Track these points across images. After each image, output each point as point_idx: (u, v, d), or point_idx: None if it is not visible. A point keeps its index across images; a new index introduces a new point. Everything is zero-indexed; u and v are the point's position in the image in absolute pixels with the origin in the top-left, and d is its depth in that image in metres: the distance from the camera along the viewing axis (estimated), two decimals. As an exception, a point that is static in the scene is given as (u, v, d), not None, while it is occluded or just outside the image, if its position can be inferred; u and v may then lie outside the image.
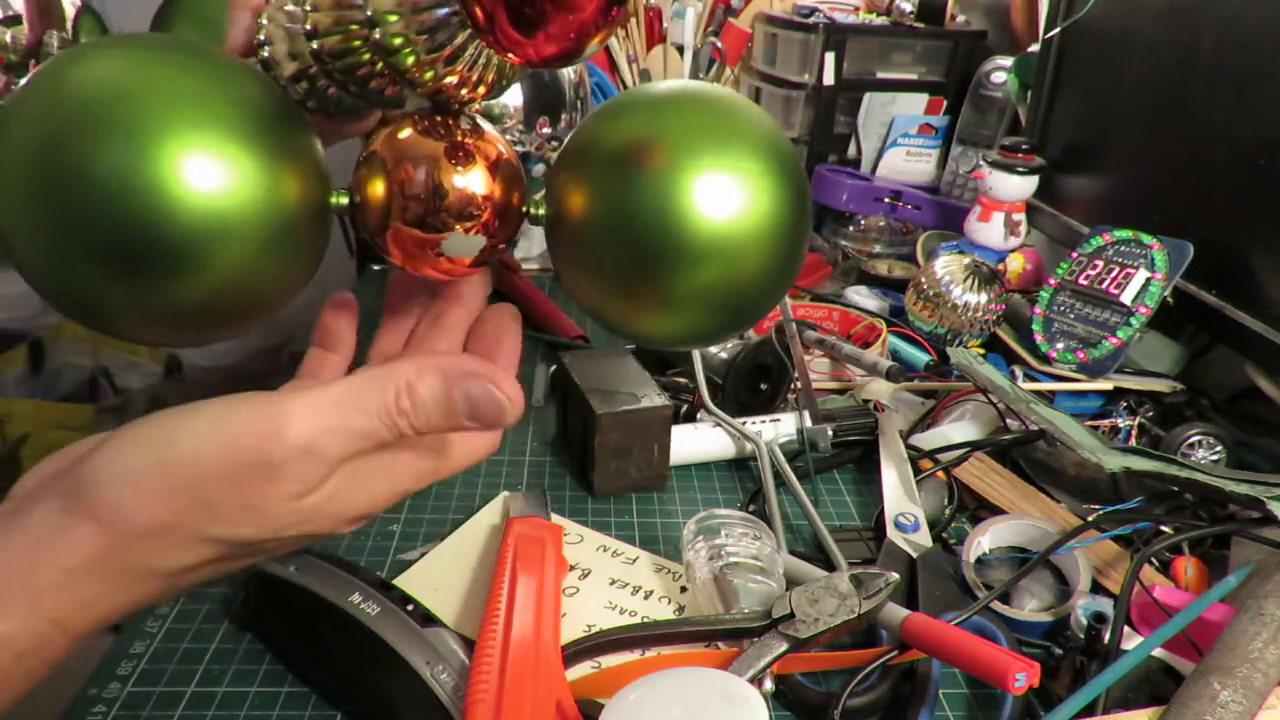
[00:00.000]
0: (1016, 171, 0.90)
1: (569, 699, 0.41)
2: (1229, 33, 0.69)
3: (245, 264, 0.32)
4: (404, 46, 0.32)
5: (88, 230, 0.30)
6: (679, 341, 0.39)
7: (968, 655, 0.41)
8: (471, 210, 0.35)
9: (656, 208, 0.34)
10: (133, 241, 0.30)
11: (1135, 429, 0.70)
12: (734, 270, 0.35)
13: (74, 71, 0.31)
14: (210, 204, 0.30)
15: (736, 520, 0.52)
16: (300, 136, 0.35)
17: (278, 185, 0.32)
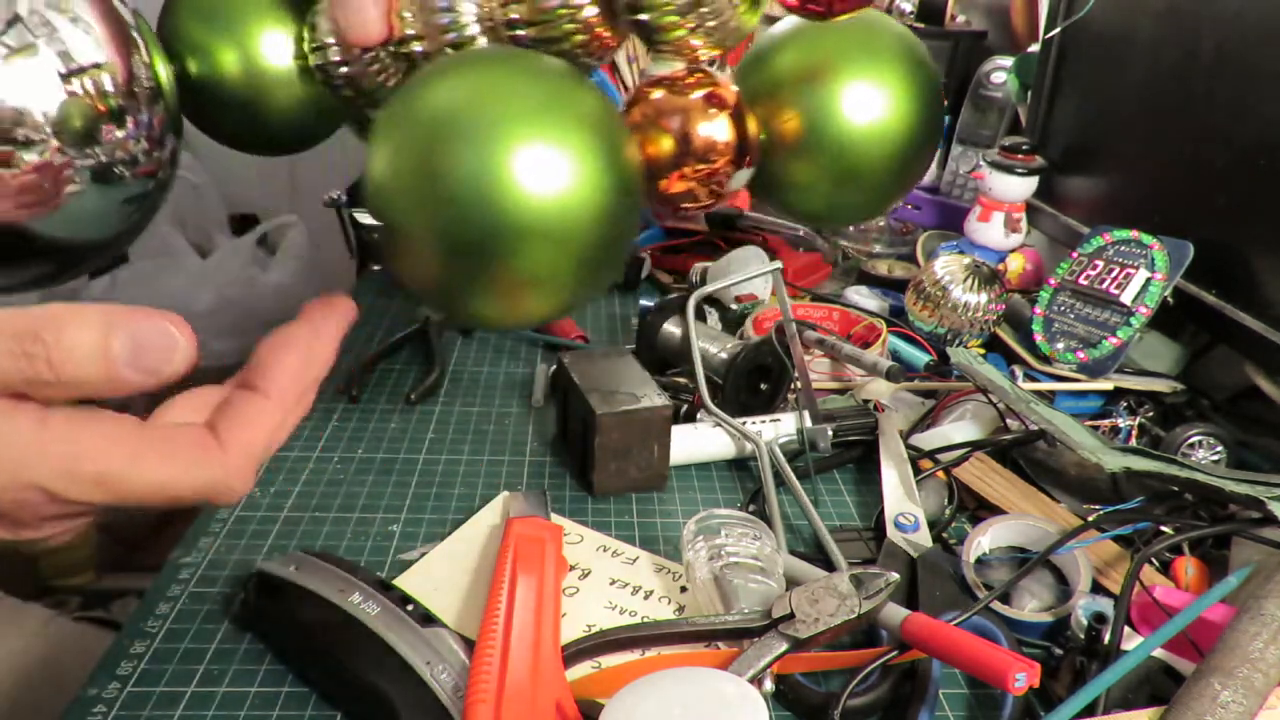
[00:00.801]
0: (1016, 172, 0.90)
1: (569, 699, 0.41)
2: (1229, 33, 0.69)
3: (581, 251, 0.39)
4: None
5: (454, 222, 0.37)
6: None
7: (968, 655, 0.41)
8: (734, 147, 0.45)
9: None
10: (486, 232, 0.37)
11: (1135, 429, 0.70)
12: None
13: (437, 85, 0.39)
14: (549, 198, 0.37)
15: (736, 520, 0.52)
16: (620, 130, 0.42)
17: (606, 178, 0.39)
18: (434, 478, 0.64)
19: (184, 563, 0.54)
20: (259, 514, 0.59)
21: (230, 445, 0.33)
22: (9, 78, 0.42)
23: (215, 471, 0.32)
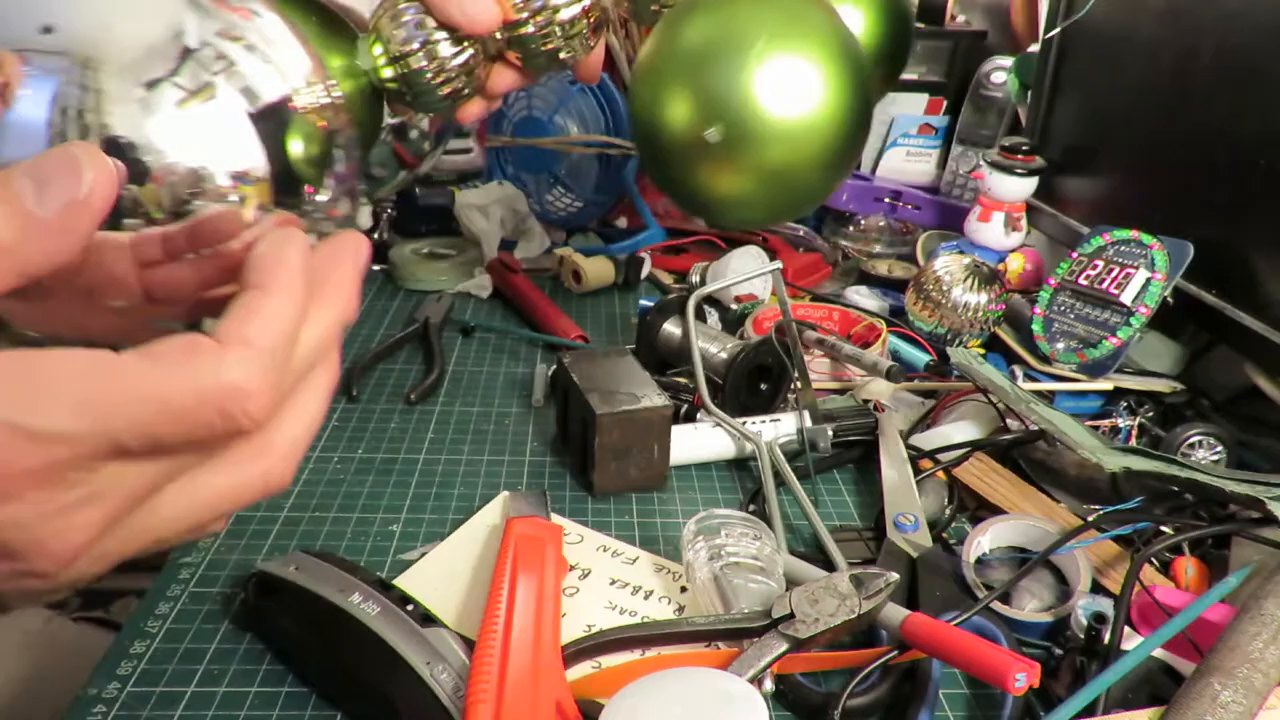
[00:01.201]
0: (1016, 172, 0.90)
1: (569, 699, 0.41)
2: (1229, 33, 0.69)
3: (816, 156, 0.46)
4: None
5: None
6: None
7: (968, 655, 0.41)
8: None
9: None
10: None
11: (1135, 429, 0.70)
12: None
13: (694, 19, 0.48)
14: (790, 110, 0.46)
15: (736, 520, 0.52)
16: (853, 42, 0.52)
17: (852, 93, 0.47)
18: (434, 478, 0.64)
19: (184, 563, 0.54)
20: (259, 514, 0.59)
21: (229, 339, 0.26)
22: (185, 130, 0.36)
23: (215, 371, 0.25)
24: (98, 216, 0.26)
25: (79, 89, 0.34)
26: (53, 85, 0.34)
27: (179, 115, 0.37)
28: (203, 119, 0.38)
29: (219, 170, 0.38)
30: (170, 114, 0.37)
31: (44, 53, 0.34)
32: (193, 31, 0.38)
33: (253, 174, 0.40)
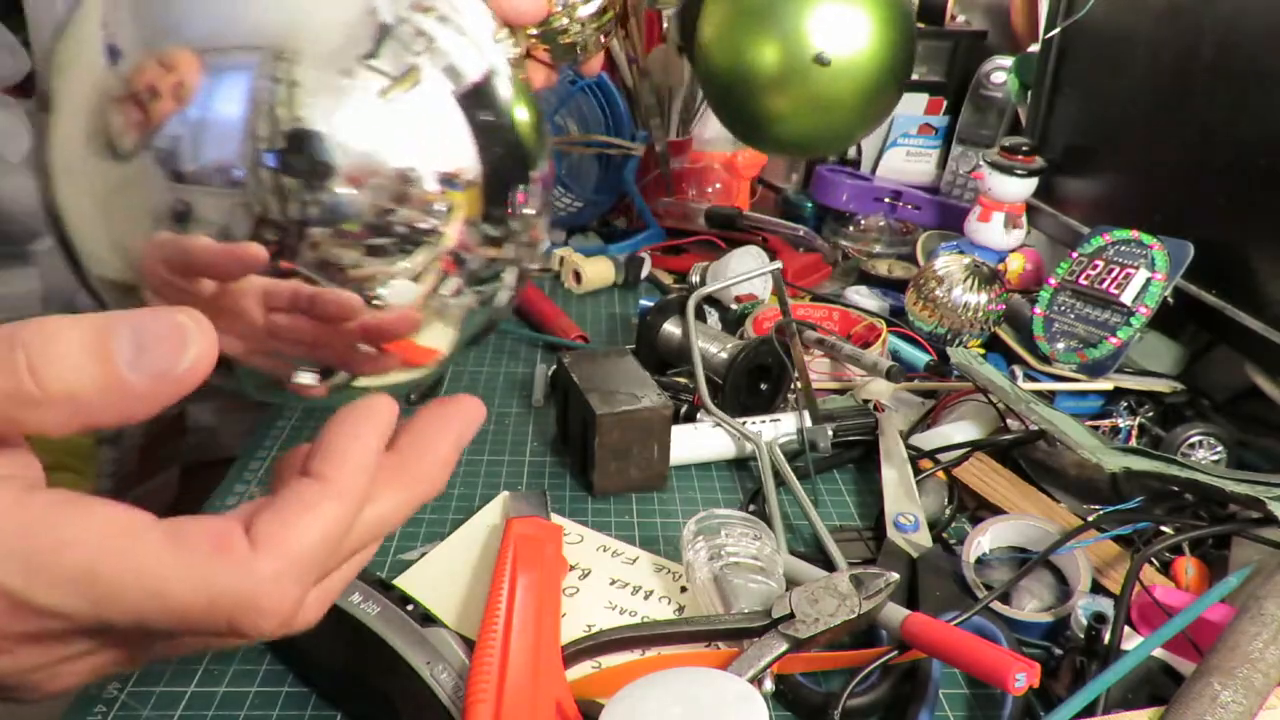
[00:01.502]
0: (1016, 173, 0.90)
1: (569, 699, 0.41)
2: (1229, 33, 0.69)
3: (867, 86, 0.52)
4: None
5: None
6: None
7: (968, 655, 0.41)
8: None
9: None
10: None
11: (1135, 429, 0.70)
12: None
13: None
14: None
15: (736, 520, 0.52)
16: None
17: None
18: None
19: (184, 563, 0.54)
20: (259, 514, 0.59)
21: (264, 545, 0.24)
22: (389, 123, 0.32)
23: (236, 578, 0.23)
24: (187, 391, 0.24)
25: (273, 82, 0.30)
26: (246, 80, 0.30)
27: (381, 106, 0.32)
28: (408, 109, 0.33)
29: (427, 172, 0.33)
30: (372, 105, 0.32)
31: (237, 48, 0.30)
32: (385, 5, 0.33)
33: (463, 176, 0.34)
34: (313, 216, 0.31)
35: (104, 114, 0.30)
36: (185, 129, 0.29)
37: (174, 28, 0.31)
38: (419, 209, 0.33)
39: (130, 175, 0.30)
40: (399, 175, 0.32)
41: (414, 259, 0.34)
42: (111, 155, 0.30)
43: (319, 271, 0.32)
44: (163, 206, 0.30)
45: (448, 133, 0.34)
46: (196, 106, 0.30)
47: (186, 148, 0.29)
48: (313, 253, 0.31)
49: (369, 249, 0.32)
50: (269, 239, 0.31)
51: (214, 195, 0.30)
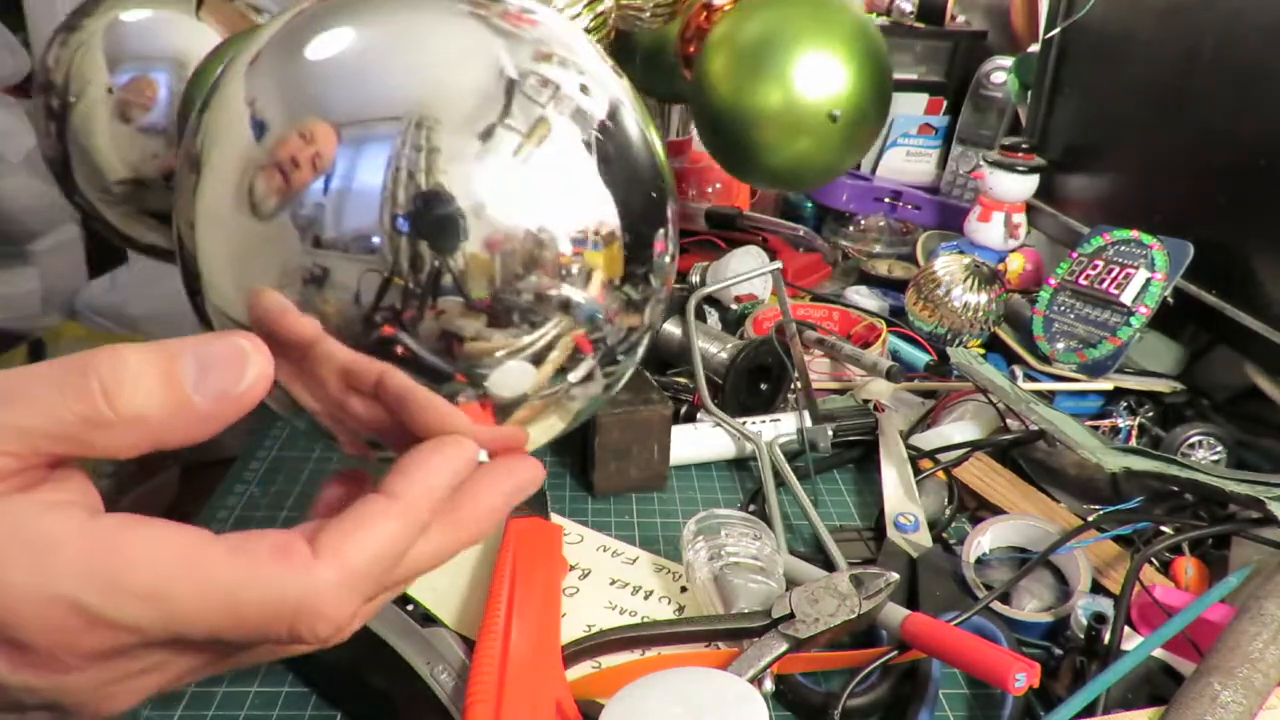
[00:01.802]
0: (1016, 171, 0.90)
1: (569, 699, 0.41)
2: (1229, 33, 0.69)
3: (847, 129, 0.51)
4: None
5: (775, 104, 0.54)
6: None
7: (968, 655, 0.41)
8: None
9: None
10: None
11: (1135, 429, 0.70)
12: None
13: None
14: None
15: (736, 520, 0.52)
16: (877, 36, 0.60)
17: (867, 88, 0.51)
18: (434, 478, 0.64)
19: (184, 563, 0.54)
20: (259, 514, 0.59)
21: (326, 552, 0.25)
22: (523, 182, 0.32)
23: (298, 583, 0.24)
24: (245, 411, 0.26)
25: (413, 151, 0.30)
26: (388, 150, 0.30)
27: (516, 166, 0.32)
28: (541, 165, 0.32)
29: (560, 232, 0.32)
30: (506, 166, 0.31)
31: (380, 119, 0.30)
32: (507, 59, 0.33)
33: (601, 231, 0.33)
34: (443, 284, 0.31)
35: (249, 178, 0.31)
36: (327, 198, 0.30)
37: (319, 103, 0.31)
38: (551, 275, 0.32)
39: (269, 234, 0.31)
40: (532, 238, 0.32)
41: (542, 332, 0.33)
42: (253, 214, 0.31)
43: (437, 343, 0.31)
44: (296, 267, 0.30)
45: (581, 184, 0.33)
46: (339, 177, 0.30)
47: (328, 216, 0.30)
48: (435, 322, 0.31)
49: (492, 319, 0.32)
50: (395, 306, 0.30)
51: (350, 261, 0.30)
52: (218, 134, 0.32)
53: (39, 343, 1.27)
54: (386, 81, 0.32)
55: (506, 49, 0.33)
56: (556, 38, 0.35)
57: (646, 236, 0.36)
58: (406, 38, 0.33)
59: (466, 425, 0.30)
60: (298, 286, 0.30)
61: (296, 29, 0.33)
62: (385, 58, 0.32)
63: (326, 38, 0.32)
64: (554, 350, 0.34)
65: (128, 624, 0.23)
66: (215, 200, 0.32)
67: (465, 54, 0.33)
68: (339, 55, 0.32)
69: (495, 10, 0.34)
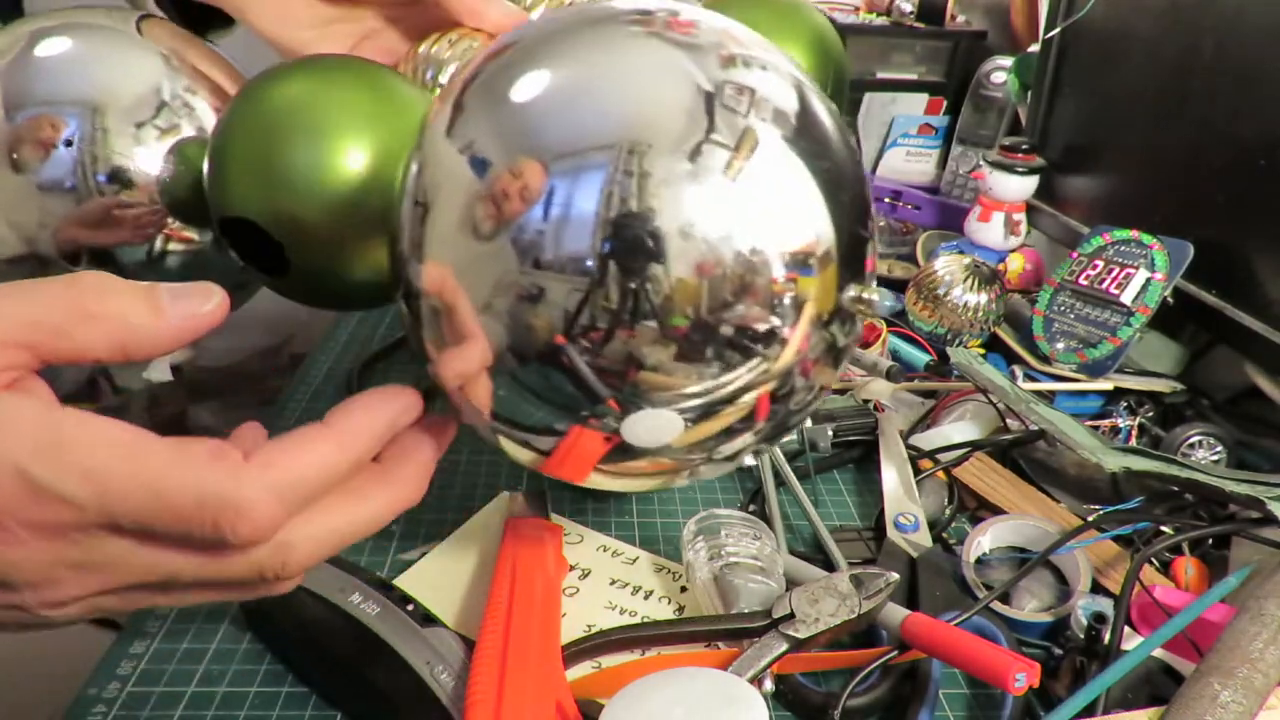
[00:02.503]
0: (1016, 172, 0.90)
1: (569, 699, 0.41)
2: (1229, 33, 0.69)
3: None
4: None
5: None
6: None
7: (968, 655, 0.41)
8: None
9: None
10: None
11: (1135, 429, 0.70)
12: None
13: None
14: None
15: (736, 520, 0.52)
16: None
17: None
18: (434, 478, 0.64)
19: (184, 563, 0.54)
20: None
21: (257, 460, 0.28)
22: (735, 200, 0.31)
23: (224, 481, 0.27)
24: (207, 328, 0.30)
25: (625, 176, 0.31)
26: (601, 177, 0.31)
27: (727, 185, 0.31)
28: (752, 180, 0.32)
29: (774, 254, 0.32)
30: (717, 183, 0.31)
31: (593, 149, 0.31)
32: (698, 72, 0.33)
33: (816, 250, 0.32)
34: (643, 307, 0.31)
35: (472, 209, 0.33)
36: (546, 224, 0.31)
37: (534, 140, 0.32)
38: (762, 304, 0.32)
39: (489, 253, 0.32)
40: (744, 261, 0.31)
41: (732, 376, 0.33)
42: (475, 236, 0.32)
43: (611, 363, 0.32)
44: (511, 283, 0.32)
45: (793, 194, 0.33)
46: (557, 204, 0.31)
47: (547, 240, 0.31)
48: (623, 344, 0.31)
49: (682, 352, 0.32)
50: (594, 324, 0.31)
51: (563, 282, 0.31)
52: (441, 179, 0.34)
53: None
54: (595, 112, 0.32)
55: (693, 61, 0.33)
56: (727, 36, 0.35)
57: (860, 246, 0.35)
58: (602, 68, 0.33)
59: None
60: (511, 301, 0.32)
61: (493, 78, 0.35)
62: (589, 90, 0.33)
63: (526, 81, 0.34)
64: (727, 407, 0.34)
65: (68, 498, 0.26)
66: (443, 227, 0.33)
67: (659, 75, 0.33)
68: (544, 94, 0.33)
69: (661, 23, 0.34)
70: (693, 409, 0.33)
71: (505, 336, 0.32)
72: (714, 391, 0.33)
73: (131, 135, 0.45)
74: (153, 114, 0.46)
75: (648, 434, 0.34)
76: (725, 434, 0.35)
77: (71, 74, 0.46)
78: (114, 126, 0.44)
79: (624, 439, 0.34)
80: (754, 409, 0.34)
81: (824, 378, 0.37)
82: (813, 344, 0.34)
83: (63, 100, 0.45)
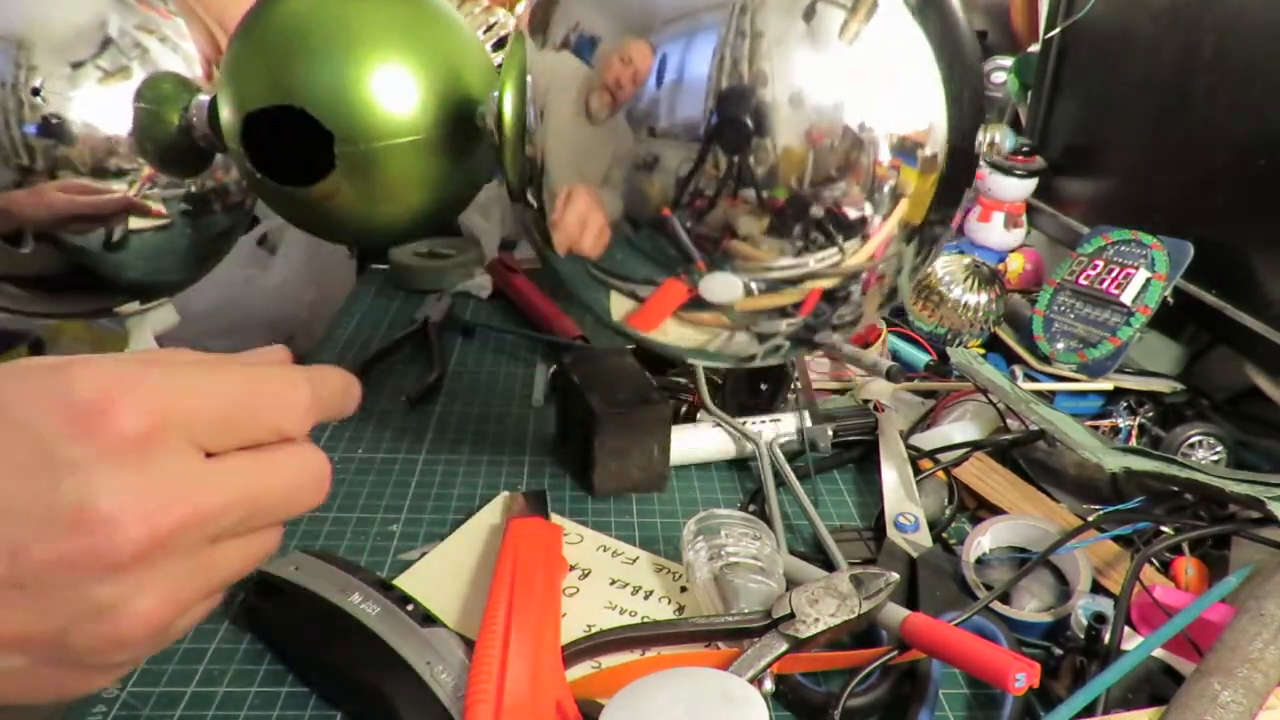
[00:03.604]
0: (1015, 174, 0.90)
1: (569, 699, 0.41)
2: (1229, 33, 0.69)
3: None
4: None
5: None
6: None
7: (968, 655, 0.41)
8: None
9: None
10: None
11: (1135, 429, 0.70)
12: None
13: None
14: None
15: (736, 520, 0.52)
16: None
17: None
18: (434, 478, 0.64)
19: (184, 563, 0.54)
20: (259, 514, 0.59)
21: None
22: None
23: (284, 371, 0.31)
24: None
25: (738, 37, 0.30)
26: (714, 39, 0.30)
27: (842, 50, 0.31)
28: (869, 45, 0.31)
29: (882, 133, 0.31)
30: (833, 48, 0.30)
31: (704, 9, 0.31)
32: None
33: (927, 143, 0.32)
34: (747, 175, 0.31)
35: (586, 94, 0.33)
36: (660, 92, 0.31)
37: (644, 8, 0.32)
38: (862, 185, 0.31)
39: (602, 135, 0.33)
40: (852, 136, 0.30)
41: (806, 259, 0.34)
42: (593, 119, 0.33)
43: (710, 230, 0.32)
44: (627, 154, 0.32)
45: (913, 71, 0.31)
46: (671, 70, 0.31)
47: (661, 109, 0.31)
48: (723, 213, 0.32)
49: (774, 225, 0.32)
50: (702, 190, 0.32)
51: (676, 149, 0.31)
52: (552, 78, 0.34)
53: (39, 342, 1.27)
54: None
55: None
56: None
57: (968, 149, 0.34)
58: None
59: None
60: (627, 170, 0.32)
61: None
62: None
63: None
64: (789, 288, 0.35)
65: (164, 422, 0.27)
66: (561, 119, 0.34)
67: None
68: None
69: None
70: (761, 281, 0.35)
71: (620, 205, 0.33)
72: (786, 270, 0.34)
73: (65, 77, 0.37)
74: (95, 52, 0.37)
75: (720, 291, 0.36)
76: (774, 313, 0.37)
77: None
78: (43, 64, 0.36)
79: (700, 293, 0.36)
80: (804, 301, 0.36)
81: (871, 304, 0.37)
82: (888, 253, 0.35)
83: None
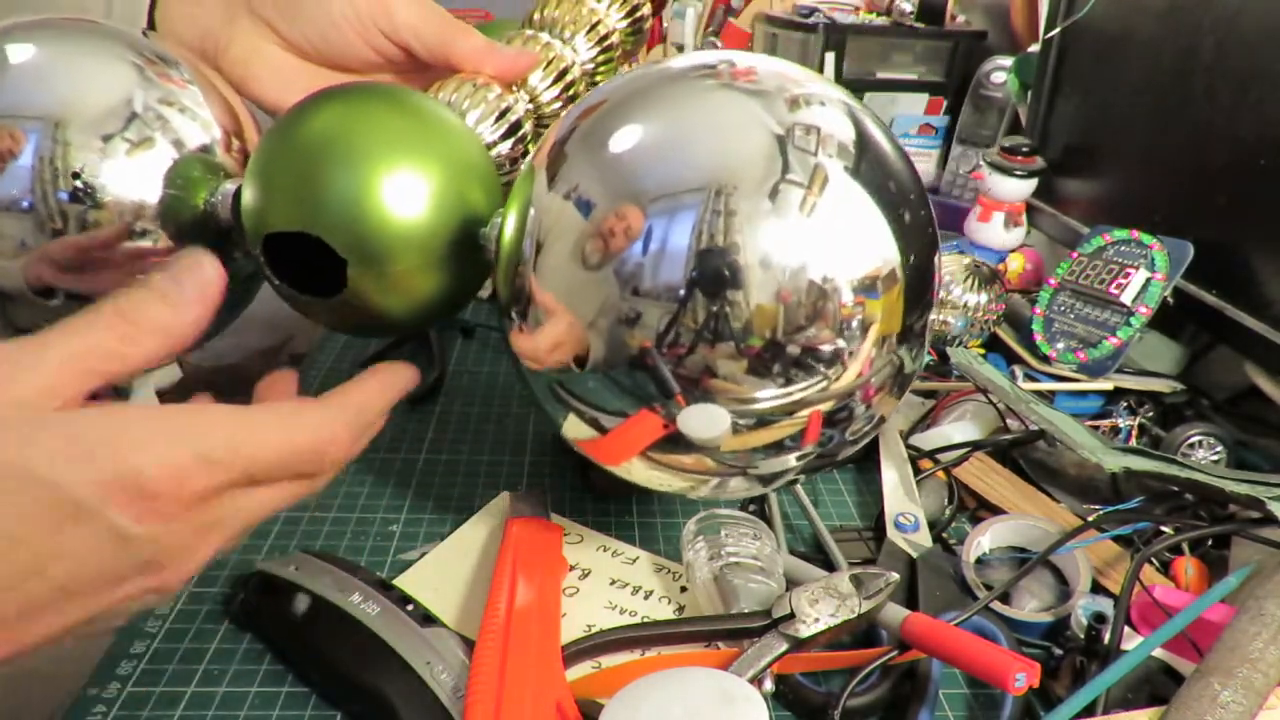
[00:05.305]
0: (1015, 175, 0.90)
1: (569, 699, 0.41)
2: (1229, 33, 0.69)
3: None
4: None
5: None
6: None
7: (968, 655, 0.41)
8: None
9: None
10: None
11: (1135, 429, 0.70)
12: None
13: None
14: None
15: (736, 520, 0.52)
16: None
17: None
18: (434, 478, 0.64)
19: (184, 563, 0.54)
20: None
21: (333, 402, 0.36)
22: (808, 231, 0.36)
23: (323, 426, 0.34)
24: (220, 298, 0.35)
25: (714, 215, 0.35)
26: (693, 216, 0.35)
27: (802, 219, 0.35)
28: (824, 213, 0.36)
29: (844, 281, 0.36)
30: (794, 219, 0.35)
31: (685, 191, 0.36)
32: (768, 118, 0.37)
33: (883, 271, 0.36)
34: (723, 330, 0.35)
35: (581, 244, 0.37)
36: (645, 258, 0.36)
37: (635, 184, 0.37)
38: (831, 327, 0.35)
39: (595, 280, 0.37)
40: (817, 289, 0.35)
41: (793, 388, 0.37)
42: (584, 266, 0.37)
43: (689, 370, 0.36)
44: (614, 307, 0.37)
45: (859, 222, 0.36)
46: (655, 240, 0.36)
47: (645, 271, 0.36)
48: (702, 357, 0.36)
49: (753, 366, 0.36)
50: (681, 341, 0.36)
51: (657, 307, 0.36)
52: (553, 222, 0.38)
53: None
54: (686, 159, 0.37)
55: (763, 108, 0.37)
56: (784, 78, 0.39)
57: (925, 264, 0.39)
58: (688, 119, 0.38)
59: None
60: (611, 321, 0.37)
61: (590, 133, 0.39)
62: (678, 139, 0.38)
63: (621, 133, 0.38)
64: (783, 419, 0.38)
65: (222, 461, 0.30)
66: (556, 258, 0.38)
67: (738, 123, 0.37)
68: (639, 145, 0.38)
69: (726, 74, 0.39)
70: (749, 414, 0.37)
71: (603, 347, 0.37)
72: (773, 400, 0.37)
73: (97, 149, 0.41)
74: (122, 126, 0.42)
75: (701, 427, 0.37)
76: (772, 448, 0.39)
77: (33, 84, 0.41)
78: (77, 140, 0.41)
79: (679, 428, 0.38)
80: (805, 429, 0.38)
81: (885, 407, 0.40)
82: (876, 365, 0.38)
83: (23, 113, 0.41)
